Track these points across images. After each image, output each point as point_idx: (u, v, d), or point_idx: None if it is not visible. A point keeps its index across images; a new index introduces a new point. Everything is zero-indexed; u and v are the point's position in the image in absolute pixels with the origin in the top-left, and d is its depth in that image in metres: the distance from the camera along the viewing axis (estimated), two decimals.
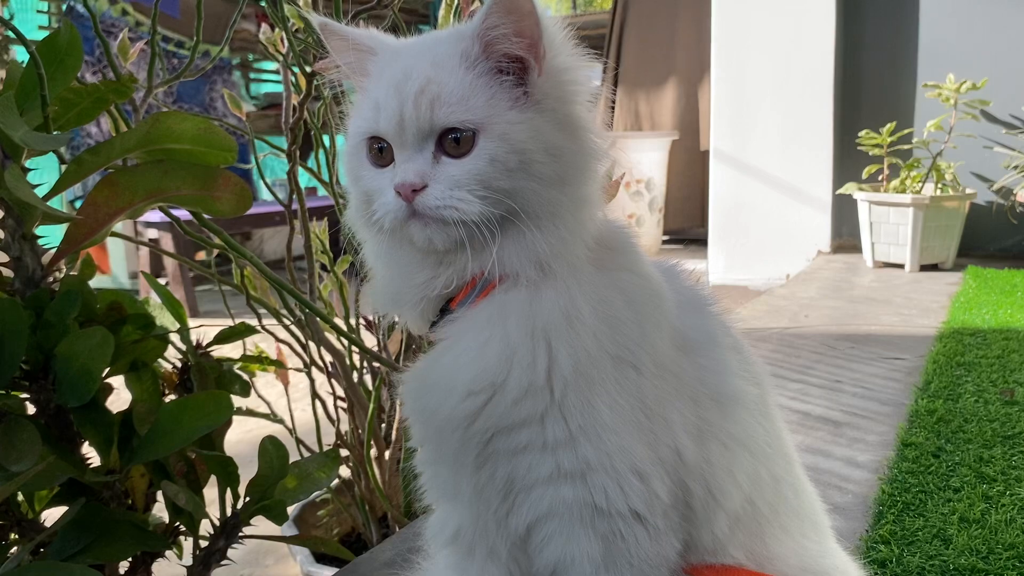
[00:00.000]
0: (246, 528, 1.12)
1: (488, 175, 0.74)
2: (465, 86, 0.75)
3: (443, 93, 0.75)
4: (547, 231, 0.76)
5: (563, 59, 0.78)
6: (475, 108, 0.75)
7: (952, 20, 4.47)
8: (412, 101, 0.75)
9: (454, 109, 0.75)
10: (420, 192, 0.75)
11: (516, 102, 0.76)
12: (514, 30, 0.74)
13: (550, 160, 0.75)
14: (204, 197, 1.05)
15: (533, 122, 0.75)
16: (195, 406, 1.02)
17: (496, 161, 0.74)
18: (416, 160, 0.76)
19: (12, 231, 0.97)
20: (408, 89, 0.75)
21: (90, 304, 1.04)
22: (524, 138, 0.74)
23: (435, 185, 0.75)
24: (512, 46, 0.75)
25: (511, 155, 0.74)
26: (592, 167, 0.80)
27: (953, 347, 2.60)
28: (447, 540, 0.87)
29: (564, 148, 0.77)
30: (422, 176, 0.75)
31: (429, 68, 0.76)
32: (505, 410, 0.75)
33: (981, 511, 1.49)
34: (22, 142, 0.86)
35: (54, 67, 0.98)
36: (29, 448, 0.89)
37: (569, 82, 0.78)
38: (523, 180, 0.75)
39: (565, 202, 0.77)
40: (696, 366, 0.83)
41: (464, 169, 0.75)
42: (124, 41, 1.41)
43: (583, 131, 0.79)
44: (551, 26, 0.76)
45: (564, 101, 0.78)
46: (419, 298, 0.81)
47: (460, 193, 0.74)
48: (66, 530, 0.95)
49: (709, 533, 0.82)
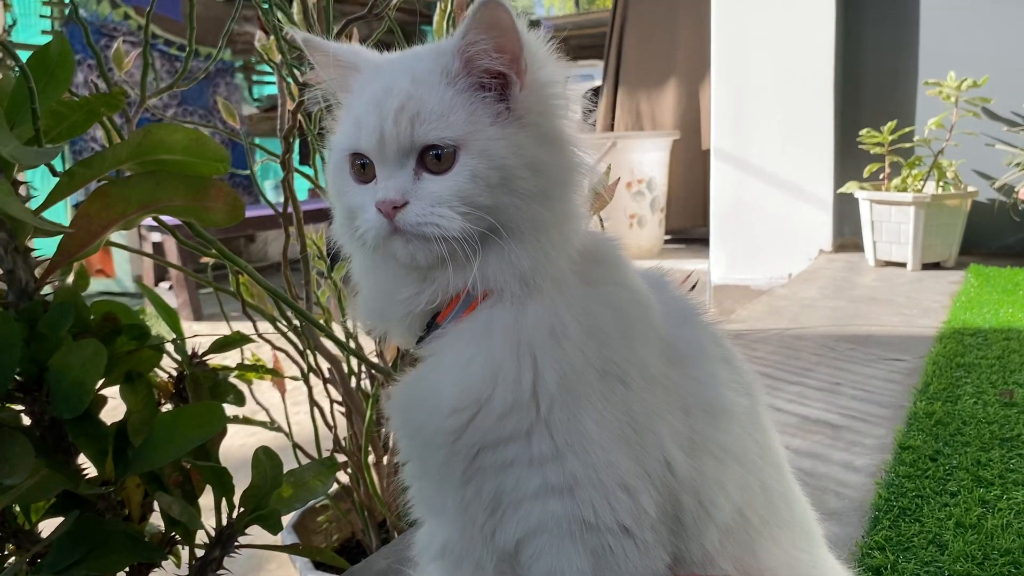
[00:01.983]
0: (243, 537, 1.12)
1: (469, 192, 0.74)
2: (445, 103, 0.75)
3: (423, 110, 0.75)
4: (530, 246, 0.76)
5: (545, 73, 0.78)
6: (455, 125, 0.75)
7: (953, 17, 4.46)
8: (392, 118, 0.75)
9: (434, 126, 0.75)
10: (401, 209, 0.75)
11: (498, 118, 0.76)
12: (494, 46, 0.74)
13: (532, 175, 0.75)
14: (197, 207, 1.06)
15: (515, 137, 0.75)
16: (189, 417, 1.02)
17: (477, 177, 0.74)
18: (397, 177, 0.76)
19: (4, 244, 0.97)
20: (388, 106, 0.76)
21: (83, 316, 1.04)
22: (505, 154, 0.74)
23: (416, 202, 0.75)
24: (493, 62, 0.75)
25: (492, 171, 0.74)
26: (576, 181, 0.80)
27: (953, 348, 2.60)
28: (434, 555, 0.87)
29: (547, 163, 0.76)
30: (403, 193, 0.75)
31: (409, 85, 0.76)
32: (491, 426, 0.75)
33: (977, 516, 1.49)
34: (11, 157, 0.86)
35: (45, 80, 0.98)
36: (22, 461, 0.89)
37: (552, 96, 0.78)
38: (505, 196, 0.75)
39: (549, 217, 0.77)
40: (686, 378, 0.83)
41: (445, 186, 0.75)
42: (119, 50, 1.42)
43: (566, 145, 0.79)
44: (532, 41, 0.76)
45: (547, 115, 0.78)
46: (404, 313, 0.81)
47: (441, 210, 0.74)
48: (61, 542, 0.96)
49: (699, 546, 0.82)
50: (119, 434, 1.04)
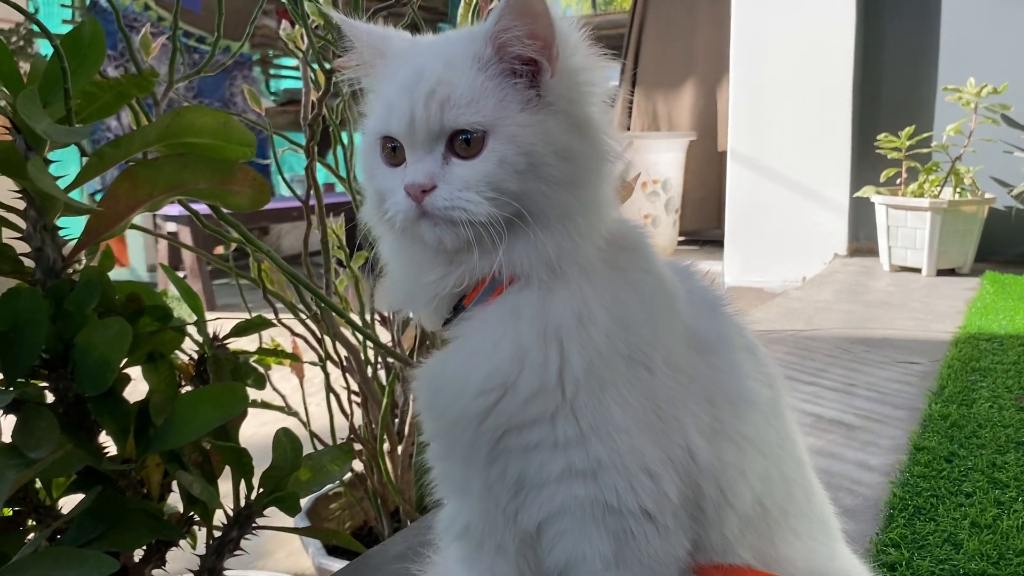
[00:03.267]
0: (259, 519, 1.13)
1: (497, 177, 0.75)
2: (476, 88, 0.76)
3: (453, 95, 0.75)
4: (557, 233, 0.76)
5: (577, 60, 0.78)
6: (484, 110, 0.75)
7: (974, 23, 4.44)
8: (423, 102, 0.76)
9: (463, 111, 0.75)
10: (429, 193, 0.75)
11: (528, 104, 0.76)
12: (527, 32, 0.74)
13: (561, 162, 0.76)
14: (222, 191, 1.06)
15: (544, 124, 0.76)
16: (211, 397, 1.03)
17: (505, 163, 0.74)
18: (426, 161, 0.77)
19: (34, 222, 0.99)
20: (419, 90, 0.76)
21: (109, 295, 1.05)
22: (534, 140, 0.75)
23: (444, 186, 0.75)
24: (525, 48, 0.75)
25: (520, 157, 0.74)
26: (605, 169, 0.80)
27: (969, 352, 2.59)
28: (457, 535, 0.87)
29: (576, 150, 0.77)
30: (431, 177, 0.76)
31: (441, 69, 0.77)
32: (516, 409, 0.76)
33: (993, 516, 1.49)
34: (44, 134, 0.87)
35: (77, 61, 0.99)
36: (48, 435, 0.90)
37: (583, 83, 0.78)
38: (532, 182, 0.75)
39: (576, 204, 0.77)
40: (709, 366, 0.83)
41: (473, 171, 0.75)
42: (146, 36, 1.43)
43: (596, 133, 0.79)
44: (565, 27, 0.76)
45: (577, 103, 0.78)
46: (430, 296, 0.82)
47: (469, 194, 0.75)
48: (82, 517, 0.97)
49: (719, 533, 0.82)
50: (140, 413, 1.05)
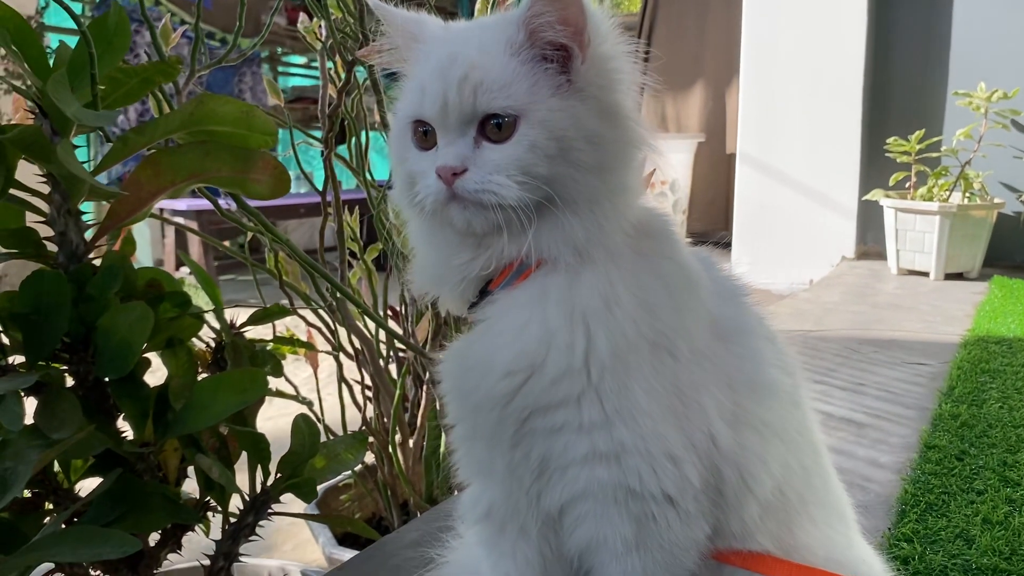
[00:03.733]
0: (273, 507, 1.14)
1: (527, 161, 0.75)
2: (508, 73, 0.76)
3: (486, 79, 0.76)
4: (584, 217, 0.77)
5: (608, 47, 0.79)
6: (517, 95, 0.76)
7: (985, 28, 4.44)
8: (456, 86, 0.76)
9: (496, 95, 0.76)
10: (460, 176, 0.76)
11: (558, 89, 0.77)
12: (559, 18, 0.75)
13: (590, 148, 0.76)
14: (243, 179, 1.07)
15: (574, 109, 0.76)
16: (230, 382, 1.04)
17: (536, 147, 0.75)
18: (458, 144, 0.77)
19: (58, 206, 0.99)
20: (452, 74, 0.77)
21: (131, 280, 1.06)
22: (565, 125, 0.75)
23: (475, 169, 0.76)
24: (557, 34, 0.76)
25: (551, 142, 0.75)
26: (632, 155, 0.81)
27: (978, 354, 2.59)
28: (479, 516, 0.88)
29: (605, 136, 0.77)
30: (462, 160, 0.76)
31: (474, 54, 0.78)
32: (542, 391, 0.77)
33: (1004, 513, 1.49)
34: (74, 117, 0.88)
35: (103, 47, 1.00)
36: (69, 417, 0.91)
37: (613, 70, 0.79)
38: (562, 167, 0.76)
39: (603, 189, 0.78)
40: (731, 354, 0.83)
41: (504, 154, 0.76)
42: (167, 26, 1.43)
43: (624, 119, 0.79)
44: (596, 14, 0.77)
45: (607, 89, 0.78)
46: (458, 279, 0.83)
47: (499, 178, 0.75)
48: (101, 500, 0.97)
49: (738, 520, 0.83)
50: (159, 398, 1.06)
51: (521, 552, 0.85)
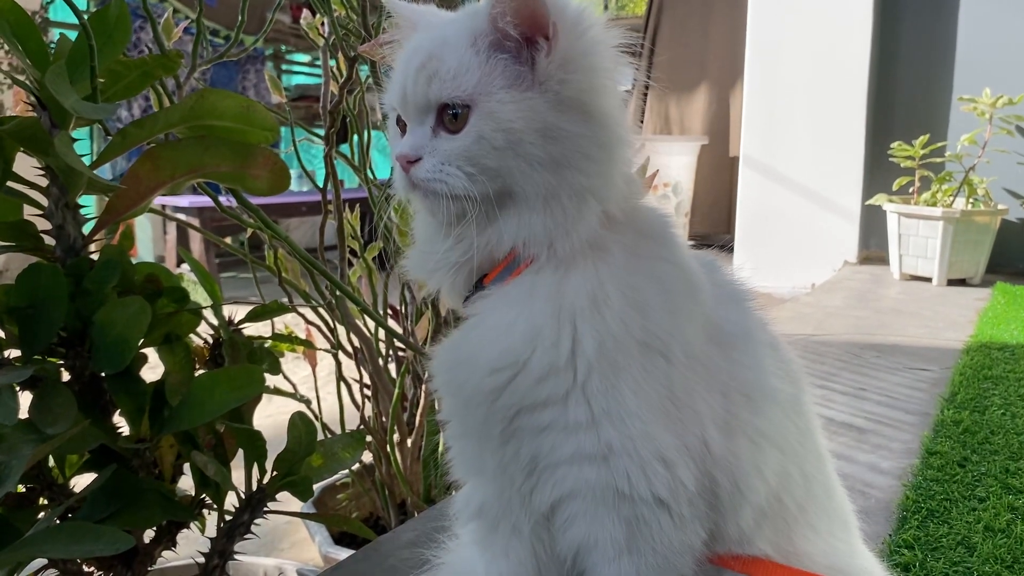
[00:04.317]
0: (269, 505, 1.13)
1: (475, 152, 0.76)
2: (463, 63, 0.77)
3: (440, 69, 0.77)
4: (543, 214, 0.77)
5: (584, 43, 0.77)
6: (467, 85, 0.76)
7: (990, 34, 4.43)
8: (413, 76, 0.78)
9: (447, 85, 0.76)
10: (415, 164, 0.78)
11: (516, 81, 0.76)
12: (518, 10, 0.74)
13: (544, 142, 0.75)
14: (242, 174, 1.06)
15: (529, 102, 0.75)
16: (228, 379, 1.03)
17: (483, 139, 0.75)
18: (416, 133, 0.79)
19: (56, 199, 0.99)
20: (412, 64, 0.78)
21: (128, 274, 1.05)
22: (512, 118, 0.75)
23: (428, 158, 0.77)
24: (515, 26, 0.75)
25: (498, 134, 0.75)
26: (603, 155, 0.78)
27: (980, 360, 2.58)
28: (472, 514, 0.87)
29: (566, 131, 0.76)
30: (416, 149, 0.78)
31: (435, 44, 0.79)
32: (528, 389, 0.76)
33: (1007, 521, 1.48)
34: (72, 110, 0.88)
35: (103, 40, 0.99)
36: (64, 412, 0.90)
37: (584, 67, 0.77)
38: (511, 160, 0.75)
39: (563, 187, 0.76)
40: (729, 360, 0.82)
41: (454, 145, 0.76)
42: (168, 21, 1.43)
43: (593, 117, 0.77)
44: (566, 8, 0.76)
45: (572, 84, 0.76)
46: (442, 266, 0.83)
47: (449, 168, 0.76)
48: (96, 495, 0.97)
49: (735, 525, 0.81)
50: (156, 394, 1.05)
51: (514, 551, 0.84)
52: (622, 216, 0.81)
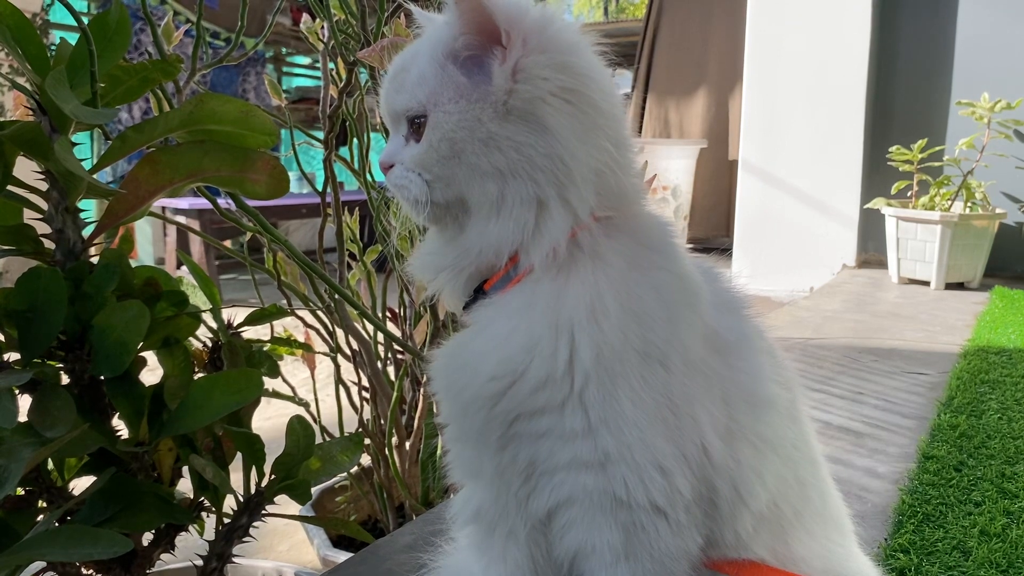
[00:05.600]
0: (268, 507, 1.13)
1: (427, 160, 0.78)
2: (423, 73, 0.79)
3: (407, 80, 0.80)
4: (496, 222, 0.78)
5: (546, 57, 0.76)
6: (420, 95, 0.79)
7: (989, 38, 4.44)
8: (386, 86, 0.83)
9: (405, 95, 0.80)
10: (389, 170, 0.82)
11: (468, 90, 0.77)
12: (474, 18, 0.76)
13: (487, 151, 0.76)
14: (241, 178, 1.07)
15: (472, 111, 0.76)
16: (226, 382, 1.03)
17: (432, 148, 0.78)
18: (393, 141, 0.83)
19: (56, 203, 0.99)
20: (389, 75, 0.83)
21: (128, 278, 1.06)
22: (454, 127, 0.77)
23: (397, 165, 0.81)
24: (472, 35, 0.77)
25: (443, 143, 0.77)
26: (552, 165, 0.76)
27: (978, 364, 2.58)
28: (469, 518, 0.88)
29: (510, 141, 0.76)
30: (389, 155, 0.82)
31: (408, 55, 0.82)
32: (525, 396, 0.76)
33: (1002, 526, 1.48)
34: (72, 114, 0.88)
35: (103, 45, 1.00)
36: (63, 415, 0.90)
37: (534, 77, 0.76)
38: (457, 168, 0.77)
39: (510, 196, 0.77)
40: (729, 367, 0.82)
41: (414, 152, 0.79)
42: (168, 25, 1.43)
43: (546, 127, 0.76)
44: (523, 17, 0.76)
45: (520, 94, 0.75)
46: (437, 268, 0.85)
47: (411, 175, 0.80)
48: (94, 498, 0.97)
49: (732, 531, 0.82)
50: (155, 397, 1.05)
51: (511, 555, 0.85)
52: (622, 224, 0.81)
